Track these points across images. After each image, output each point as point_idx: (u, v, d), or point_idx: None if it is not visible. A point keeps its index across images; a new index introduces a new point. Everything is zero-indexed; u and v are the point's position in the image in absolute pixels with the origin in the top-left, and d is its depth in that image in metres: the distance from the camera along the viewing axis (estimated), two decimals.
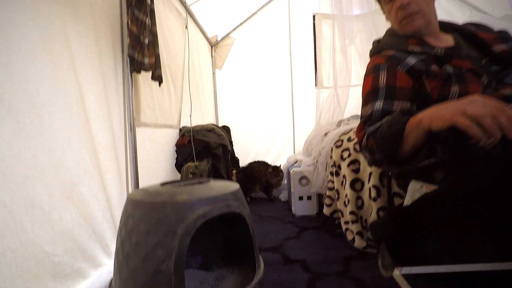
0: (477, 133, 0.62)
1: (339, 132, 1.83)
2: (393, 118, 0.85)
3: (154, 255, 0.84)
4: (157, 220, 0.85)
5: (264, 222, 2.06)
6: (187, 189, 0.95)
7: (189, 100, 2.45)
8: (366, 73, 1.10)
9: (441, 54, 0.97)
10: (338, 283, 1.21)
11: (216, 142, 2.33)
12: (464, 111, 0.64)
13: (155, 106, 1.91)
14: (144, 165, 1.70)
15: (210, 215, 0.87)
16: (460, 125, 0.64)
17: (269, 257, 1.49)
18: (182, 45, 2.52)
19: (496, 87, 0.91)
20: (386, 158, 0.89)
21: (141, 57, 1.37)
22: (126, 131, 1.44)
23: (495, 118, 0.62)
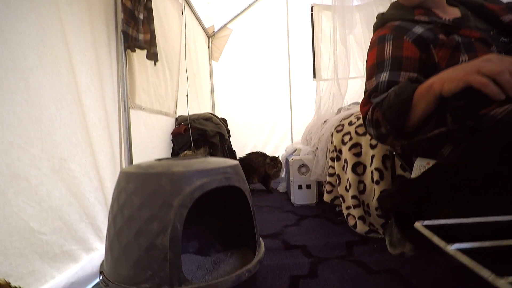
0: (495, 91, 0.58)
1: (340, 118, 1.79)
2: (401, 86, 0.80)
3: (148, 229, 0.78)
4: (151, 192, 0.80)
5: (263, 212, 2.01)
6: (183, 162, 0.89)
7: (185, 90, 2.39)
8: (370, 47, 1.06)
9: (449, 23, 0.93)
10: (341, 266, 1.16)
11: (213, 131, 2.27)
12: (479, 70, 0.60)
13: (151, 90, 1.85)
14: (140, 150, 1.64)
15: (209, 187, 0.82)
16: (475, 83, 0.59)
17: (268, 243, 1.43)
18: (178, 32, 2.46)
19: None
20: (393, 129, 0.84)
21: (136, 33, 1.31)
22: (120, 111, 1.38)
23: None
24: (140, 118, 1.70)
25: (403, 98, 0.78)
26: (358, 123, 1.56)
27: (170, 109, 2.32)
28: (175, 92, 2.41)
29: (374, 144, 1.43)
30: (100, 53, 1.24)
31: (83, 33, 1.14)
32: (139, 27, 1.33)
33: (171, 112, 2.33)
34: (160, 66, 2.06)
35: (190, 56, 2.88)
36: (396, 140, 0.87)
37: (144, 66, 1.72)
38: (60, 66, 0.99)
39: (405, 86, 0.79)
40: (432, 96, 0.71)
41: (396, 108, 0.80)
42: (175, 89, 2.40)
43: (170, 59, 2.27)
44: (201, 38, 3.37)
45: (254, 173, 2.61)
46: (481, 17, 1.00)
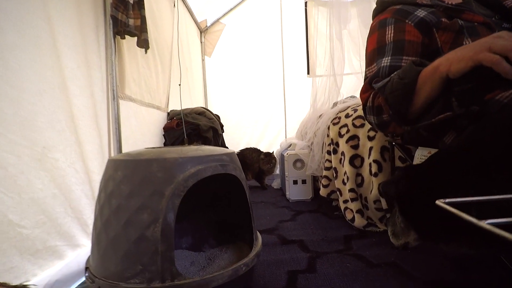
0: (507, 69, 0.54)
1: (336, 111, 1.75)
2: (405, 69, 0.76)
3: (138, 219, 0.73)
4: (141, 179, 0.74)
5: (257, 207, 1.96)
6: (176, 149, 0.84)
7: (177, 84, 2.32)
8: (370, 32, 1.02)
9: (452, 6, 0.90)
10: (340, 260, 1.12)
11: (206, 125, 2.21)
12: (490, 47, 0.56)
13: (141, 81, 1.78)
14: (130, 143, 1.58)
15: (203, 175, 0.77)
16: (486, 61, 0.56)
17: (265, 238, 1.39)
18: (170, 25, 2.39)
19: None
20: (396, 115, 0.80)
21: (125, 17, 1.24)
22: (109, 100, 1.31)
23: None
24: (130, 109, 1.63)
25: (407, 82, 0.74)
26: (355, 115, 1.53)
27: (162, 103, 2.25)
28: (167, 86, 2.34)
29: (372, 136, 1.40)
30: (87, 38, 1.17)
31: (69, 15, 1.08)
32: (128, 12, 1.27)
33: (162, 106, 2.26)
34: (151, 58, 2.00)
35: (183, 50, 2.81)
36: (399, 126, 0.84)
37: (134, 56, 1.65)
38: (43, 47, 0.93)
39: (409, 69, 0.75)
40: (437, 78, 0.67)
41: (399, 92, 0.76)
42: (167, 83, 2.33)
43: (162, 52, 2.20)
44: (194, 32, 3.30)
45: (248, 169, 2.56)
46: (483, 2, 0.98)
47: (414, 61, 0.77)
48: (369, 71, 0.95)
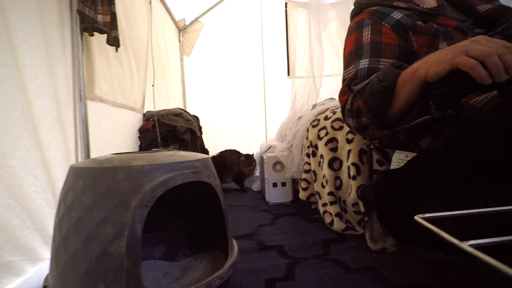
0: (482, 74, 0.53)
1: (315, 113, 1.74)
2: (384, 71, 0.75)
3: (100, 233, 0.66)
4: (104, 189, 0.68)
5: (237, 211, 1.92)
6: (145, 155, 0.78)
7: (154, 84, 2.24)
8: (347, 33, 1.01)
9: (427, 10, 0.91)
10: (319, 266, 1.10)
11: (183, 127, 2.15)
12: (467, 51, 0.55)
13: (114, 81, 1.70)
14: (100, 146, 1.49)
15: (173, 183, 0.72)
16: (463, 66, 0.55)
17: (243, 244, 1.35)
18: (145, 22, 2.30)
19: None
20: (375, 118, 0.79)
21: (93, 13, 1.16)
22: (76, 102, 1.23)
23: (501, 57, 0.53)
24: (101, 111, 1.54)
25: (387, 84, 0.72)
26: (334, 118, 1.52)
27: (137, 104, 2.16)
28: (143, 86, 2.25)
29: (350, 139, 1.40)
30: (49, 34, 1.09)
31: (28, 8, 0.99)
32: (97, 8, 1.19)
33: (137, 107, 2.17)
34: (125, 57, 1.91)
35: (159, 49, 2.73)
36: (378, 130, 0.82)
37: (105, 54, 1.56)
38: None
39: (388, 71, 0.74)
40: (416, 81, 0.67)
41: (379, 95, 0.74)
42: (142, 83, 2.24)
43: (137, 51, 2.11)
44: (171, 30, 3.21)
45: (227, 171, 2.51)
46: (457, 7, 0.99)
47: (393, 64, 0.76)
48: (347, 73, 0.94)
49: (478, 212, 0.37)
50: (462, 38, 0.85)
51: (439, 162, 0.60)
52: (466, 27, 0.91)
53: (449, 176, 0.57)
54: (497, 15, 0.90)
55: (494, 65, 0.52)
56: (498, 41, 0.56)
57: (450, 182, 0.56)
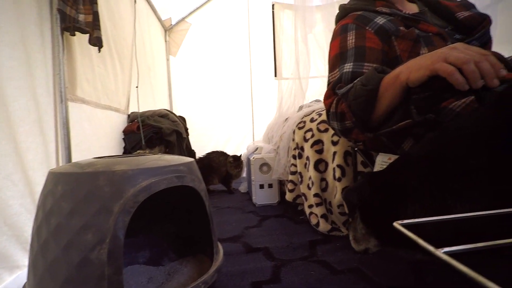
0: (460, 80, 0.55)
1: (301, 115, 1.75)
2: (367, 76, 0.77)
3: (81, 240, 0.65)
4: (85, 195, 0.66)
5: (223, 213, 1.91)
6: (128, 159, 0.77)
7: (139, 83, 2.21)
8: (332, 37, 1.03)
9: (409, 16, 0.93)
10: (304, 268, 1.11)
11: (169, 128, 2.12)
12: (446, 58, 0.57)
13: (97, 82, 1.66)
14: (83, 149, 1.45)
15: (156, 188, 0.71)
16: (441, 72, 0.57)
17: (229, 247, 1.34)
18: (130, 22, 2.26)
19: None
20: (358, 122, 0.80)
21: (75, 12, 1.13)
22: (56, 103, 1.19)
23: (477, 64, 0.55)
24: (83, 112, 1.50)
25: (370, 88, 0.74)
26: (319, 120, 1.54)
27: (121, 105, 2.12)
28: (127, 86, 2.21)
29: (335, 141, 1.41)
30: (27, 33, 1.05)
31: (3, 5, 0.95)
32: (78, 7, 1.15)
33: (122, 108, 2.12)
34: (109, 57, 1.87)
35: (145, 49, 2.68)
36: (361, 133, 0.84)
37: (88, 54, 1.52)
38: None
39: (371, 75, 0.75)
40: (398, 86, 0.68)
41: (362, 99, 0.76)
42: (127, 84, 2.20)
43: (121, 51, 2.07)
44: (157, 30, 3.17)
45: (214, 173, 2.49)
46: (437, 13, 1.02)
47: (376, 68, 0.78)
48: (332, 77, 0.95)
49: (453, 217, 0.38)
50: (443, 44, 0.88)
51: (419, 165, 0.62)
52: (446, 33, 0.93)
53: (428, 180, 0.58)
54: (475, 22, 0.93)
55: (470, 71, 0.54)
56: (475, 49, 0.58)
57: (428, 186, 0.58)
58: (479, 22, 0.93)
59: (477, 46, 0.92)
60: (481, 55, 0.56)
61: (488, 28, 0.94)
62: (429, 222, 0.37)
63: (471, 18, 0.94)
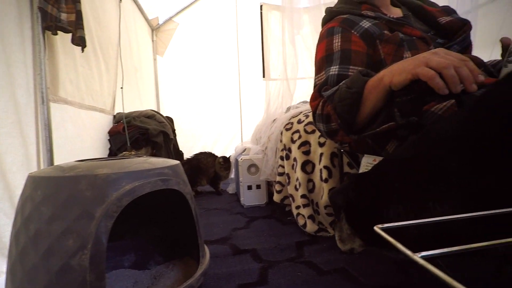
0: (440, 84, 0.57)
1: (289, 116, 1.76)
2: (352, 79, 0.78)
3: (61, 246, 0.63)
4: (65, 199, 0.65)
5: (211, 215, 1.90)
6: (111, 162, 0.75)
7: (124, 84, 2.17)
8: (319, 40, 1.03)
9: (393, 19, 0.95)
10: (292, 269, 1.11)
11: (156, 129, 2.09)
12: (427, 62, 0.59)
13: (81, 82, 1.62)
14: (66, 151, 1.42)
15: (141, 192, 0.70)
16: (422, 76, 0.58)
17: (216, 249, 1.33)
18: (115, 21, 2.22)
19: None
20: (343, 124, 0.81)
21: (56, 11, 1.10)
22: (37, 104, 1.16)
23: (457, 69, 0.57)
24: (66, 114, 1.46)
25: (354, 91, 0.75)
26: (306, 121, 1.55)
27: (107, 105, 2.08)
28: (113, 86, 2.17)
29: (322, 142, 1.43)
30: (6, 32, 1.02)
31: None
32: (60, 5, 1.12)
33: (107, 108, 2.08)
34: (93, 57, 1.83)
35: (131, 49, 2.64)
36: (347, 135, 0.85)
37: (71, 54, 1.49)
38: None
39: (356, 78, 0.76)
40: (382, 89, 0.70)
41: (347, 102, 0.77)
42: (112, 83, 2.16)
43: (106, 50, 2.03)
44: (144, 29, 3.12)
45: (202, 174, 2.47)
46: (421, 18, 1.04)
47: (360, 71, 0.79)
48: (318, 79, 0.96)
49: (433, 221, 0.38)
50: (426, 48, 0.90)
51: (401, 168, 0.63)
52: (429, 37, 0.96)
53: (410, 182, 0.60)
54: (456, 27, 0.96)
55: (450, 76, 0.55)
56: (455, 54, 0.60)
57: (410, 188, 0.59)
58: (460, 27, 0.96)
59: (458, 50, 0.95)
60: (460, 61, 0.57)
61: (468, 33, 0.97)
62: (411, 225, 0.38)
63: (452, 23, 0.97)
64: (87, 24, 1.49)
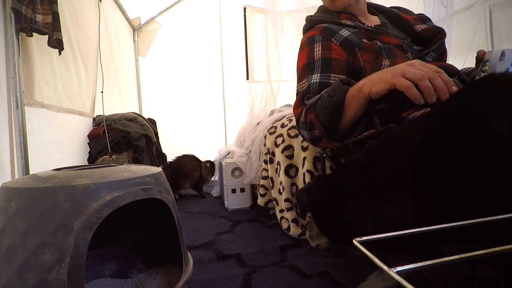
0: (416, 95, 0.59)
1: (272, 120, 1.77)
2: (333, 88, 0.80)
3: (37, 261, 0.61)
4: (41, 212, 0.62)
5: (195, 219, 1.88)
6: (92, 171, 0.73)
7: (104, 86, 2.11)
8: (300, 48, 1.05)
9: (371, 28, 0.97)
10: (275, 273, 1.12)
11: (138, 132, 2.05)
12: (404, 73, 0.61)
13: (58, 85, 1.57)
14: (42, 157, 1.37)
15: (121, 202, 0.68)
16: (399, 86, 0.61)
17: (200, 254, 1.33)
18: (95, 21, 2.16)
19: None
20: (326, 132, 0.83)
21: (31, 12, 1.06)
22: (11, 108, 1.11)
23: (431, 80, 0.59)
24: (42, 117, 1.41)
25: (336, 100, 0.77)
26: (290, 125, 1.56)
27: (86, 108, 2.02)
28: (92, 88, 2.11)
29: (305, 146, 1.44)
30: None
31: None
32: (36, 6, 1.08)
33: (87, 111, 2.02)
34: (72, 58, 1.77)
35: (111, 49, 2.58)
36: (329, 142, 0.86)
37: (48, 55, 1.43)
38: None
39: (337, 87, 0.78)
40: (362, 98, 0.72)
41: (329, 110, 0.79)
42: (91, 85, 2.10)
43: (85, 51, 1.97)
44: (125, 30, 3.05)
45: (185, 178, 2.44)
46: (398, 26, 1.08)
47: (341, 80, 0.81)
48: (300, 86, 0.97)
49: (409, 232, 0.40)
50: (403, 55, 0.93)
51: (359, 172, 0.65)
52: (406, 44, 0.99)
53: (366, 186, 0.62)
54: (431, 35, 1.00)
55: (425, 87, 0.58)
56: (431, 66, 0.63)
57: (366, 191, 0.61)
58: (435, 35, 0.99)
59: (434, 57, 0.98)
60: (434, 73, 0.60)
61: (443, 40, 1.01)
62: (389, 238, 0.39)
63: (427, 31, 1.01)
64: (64, 24, 1.44)
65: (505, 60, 0.66)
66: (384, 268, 0.31)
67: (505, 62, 0.66)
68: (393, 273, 0.30)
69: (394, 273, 0.30)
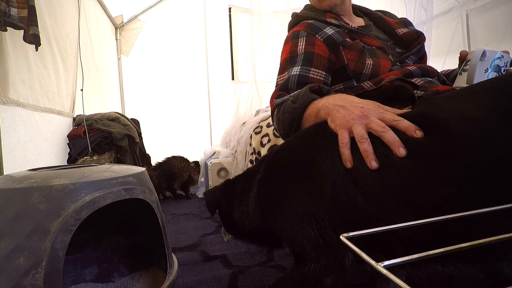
0: (344, 155, 0.55)
1: (258, 119, 1.77)
2: (300, 93, 0.80)
3: (11, 266, 0.58)
4: (15, 214, 0.59)
5: (180, 220, 1.85)
6: (69, 171, 0.70)
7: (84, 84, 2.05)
8: (284, 42, 1.06)
9: (355, 29, 0.99)
10: (262, 274, 1.11)
11: (120, 133, 2.00)
12: (350, 127, 0.58)
13: (34, 82, 1.50)
14: (17, 158, 1.31)
15: (102, 203, 0.65)
16: (339, 138, 0.58)
17: (186, 256, 1.30)
18: (75, 17, 2.09)
19: (400, 66, 0.97)
20: (284, 135, 0.87)
21: (6, 5, 1.01)
22: None
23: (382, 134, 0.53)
24: (17, 116, 1.35)
25: (296, 107, 0.78)
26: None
27: (65, 107, 1.95)
28: (72, 86, 2.04)
29: None
30: None
31: None
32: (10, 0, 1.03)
33: (66, 110, 1.95)
34: (50, 55, 1.71)
35: (92, 47, 2.50)
36: None
37: (23, 52, 1.37)
38: None
39: (303, 94, 0.77)
40: (318, 120, 0.70)
41: (288, 115, 0.80)
42: (71, 84, 2.03)
43: (64, 48, 1.91)
44: (107, 27, 2.97)
45: (175, 179, 2.40)
46: (381, 28, 1.10)
47: (311, 86, 0.78)
48: (280, 79, 0.98)
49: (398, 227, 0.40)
50: (384, 56, 0.95)
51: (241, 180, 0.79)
52: (388, 46, 1.01)
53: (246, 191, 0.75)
54: (412, 39, 1.03)
55: (362, 151, 0.53)
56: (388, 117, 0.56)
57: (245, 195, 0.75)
58: (415, 39, 1.02)
59: (414, 60, 1.01)
60: (383, 127, 0.53)
61: (423, 44, 1.03)
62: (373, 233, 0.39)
63: (408, 34, 1.03)
64: (41, 20, 1.38)
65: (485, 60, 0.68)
66: (372, 263, 0.31)
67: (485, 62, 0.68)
68: (381, 267, 0.30)
69: (381, 267, 0.30)
